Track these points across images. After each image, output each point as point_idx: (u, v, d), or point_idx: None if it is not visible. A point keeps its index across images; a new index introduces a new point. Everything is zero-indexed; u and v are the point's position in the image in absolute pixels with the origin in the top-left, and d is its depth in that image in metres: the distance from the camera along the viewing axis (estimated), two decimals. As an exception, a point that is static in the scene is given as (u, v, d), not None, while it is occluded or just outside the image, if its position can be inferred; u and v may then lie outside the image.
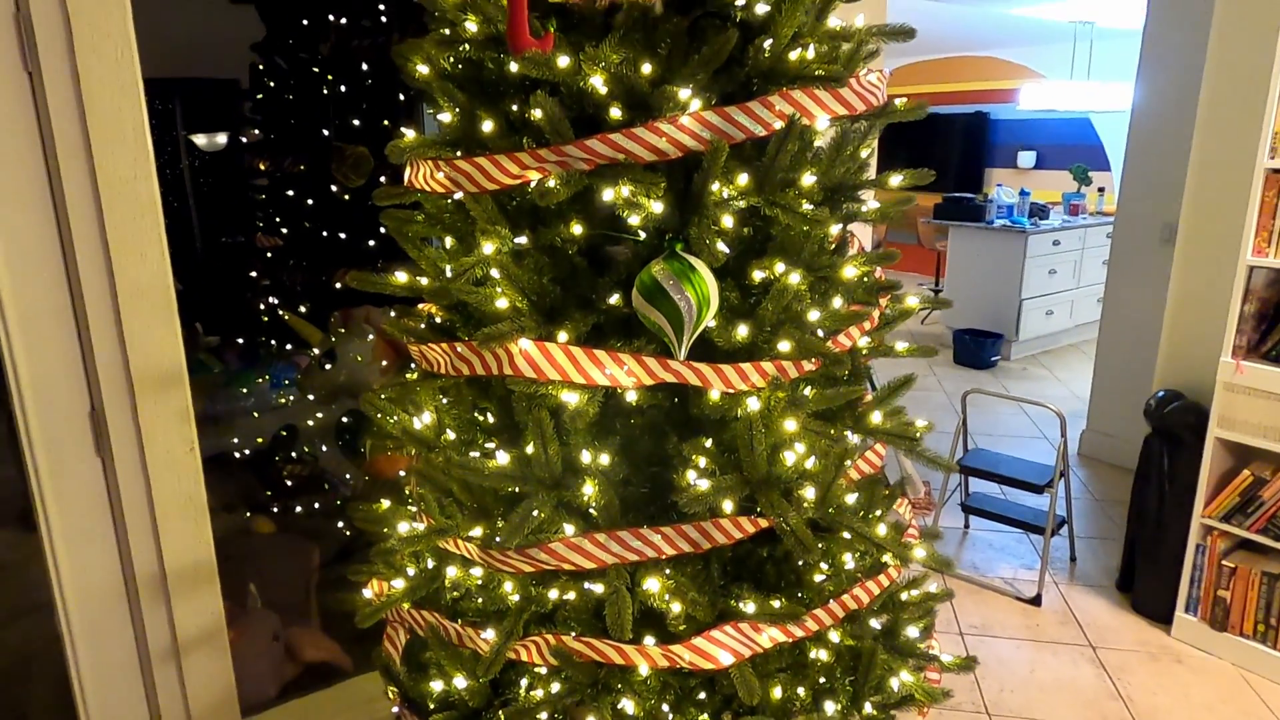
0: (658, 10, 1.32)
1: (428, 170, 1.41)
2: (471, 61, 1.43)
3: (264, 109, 2.69)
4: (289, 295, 2.88)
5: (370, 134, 2.47)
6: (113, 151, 1.62)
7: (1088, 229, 7.21)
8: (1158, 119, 4.22)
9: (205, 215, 5.71)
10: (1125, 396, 4.46)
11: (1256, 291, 2.59)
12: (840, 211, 1.49)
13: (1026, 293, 6.81)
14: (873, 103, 1.43)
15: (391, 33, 2.47)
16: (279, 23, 2.56)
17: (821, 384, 1.48)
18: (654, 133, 1.25)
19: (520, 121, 1.40)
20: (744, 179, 1.30)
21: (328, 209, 2.59)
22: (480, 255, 1.35)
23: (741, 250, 1.41)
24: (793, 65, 1.34)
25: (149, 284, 1.71)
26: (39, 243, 1.62)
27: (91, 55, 1.58)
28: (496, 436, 1.52)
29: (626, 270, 1.37)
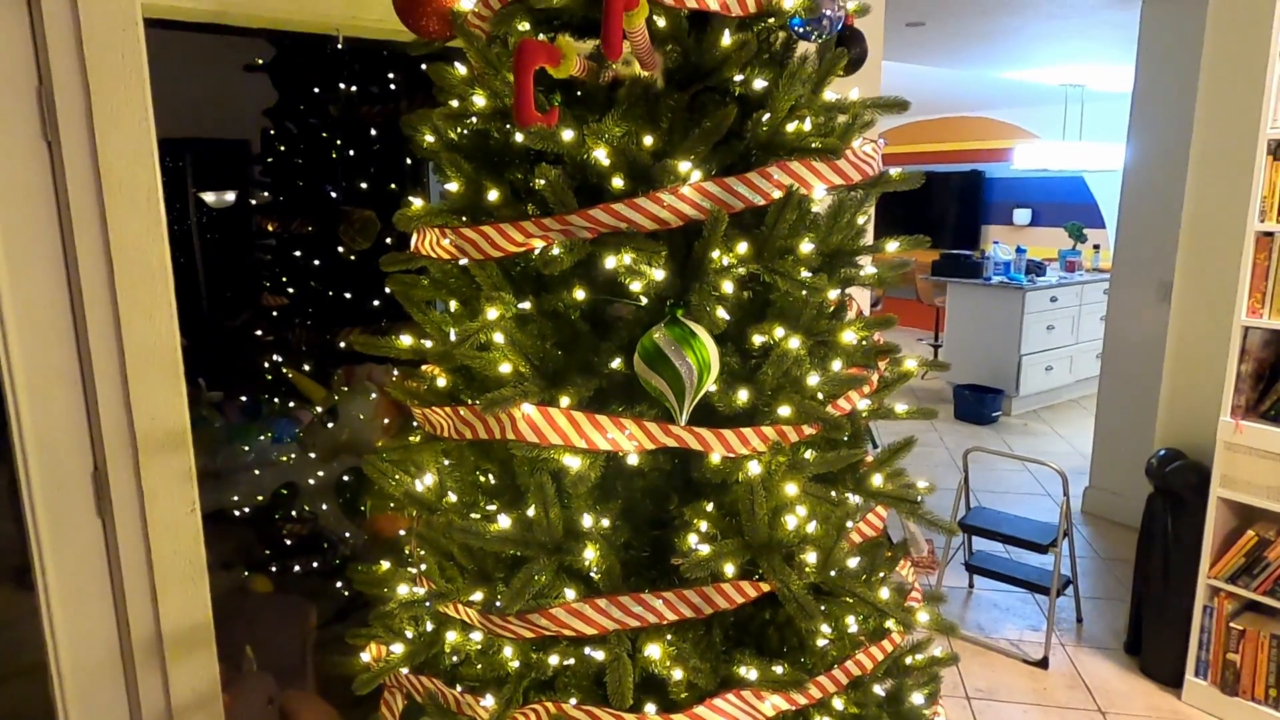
0: (659, 85, 1.37)
1: (434, 237, 1.44)
2: (478, 132, 1.47)
3: (274, 172, 2.75)
4: (293, 352, 2.90)
5: (377, 197, 2.52)
6: (126, 218, 1.66)
7: (1084, 285, 7.28)
8: (1149, 179, 4.30)
9: (211, 271, 5.78)
10: (1127, 453, 4.45)
11: (1252, 351, 2.61)
12: (838, 276, 1.51)
13: (1026, 349, 6.84)
14: (868, 173, 1.46)
15: (399, 99, 2.54)
16: (291, 90, 2.63)
17: (822, 447, 1.49)
18: (656, 202, 1.29)
19: (525, 189, 1.44)
20: (743, 247, 1.33)
21: (333, 269, 2.63)
22: (484, 320, 1.37)
23: (741, 315, 1.43)
24: (790, 137, 1.38)
25: (157, 346, 1.73)
26: (50, 306, 1.65)
27: (109, 126, 1.63)
28: (498, 499, 1.52)
29: (628, 334, 1.39)
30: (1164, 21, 4.15)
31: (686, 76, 1.38)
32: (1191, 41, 3.37)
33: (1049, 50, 5.55)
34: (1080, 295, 7.29)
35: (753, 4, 1.33)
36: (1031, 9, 4.30)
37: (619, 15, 1.17)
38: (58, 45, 1.56)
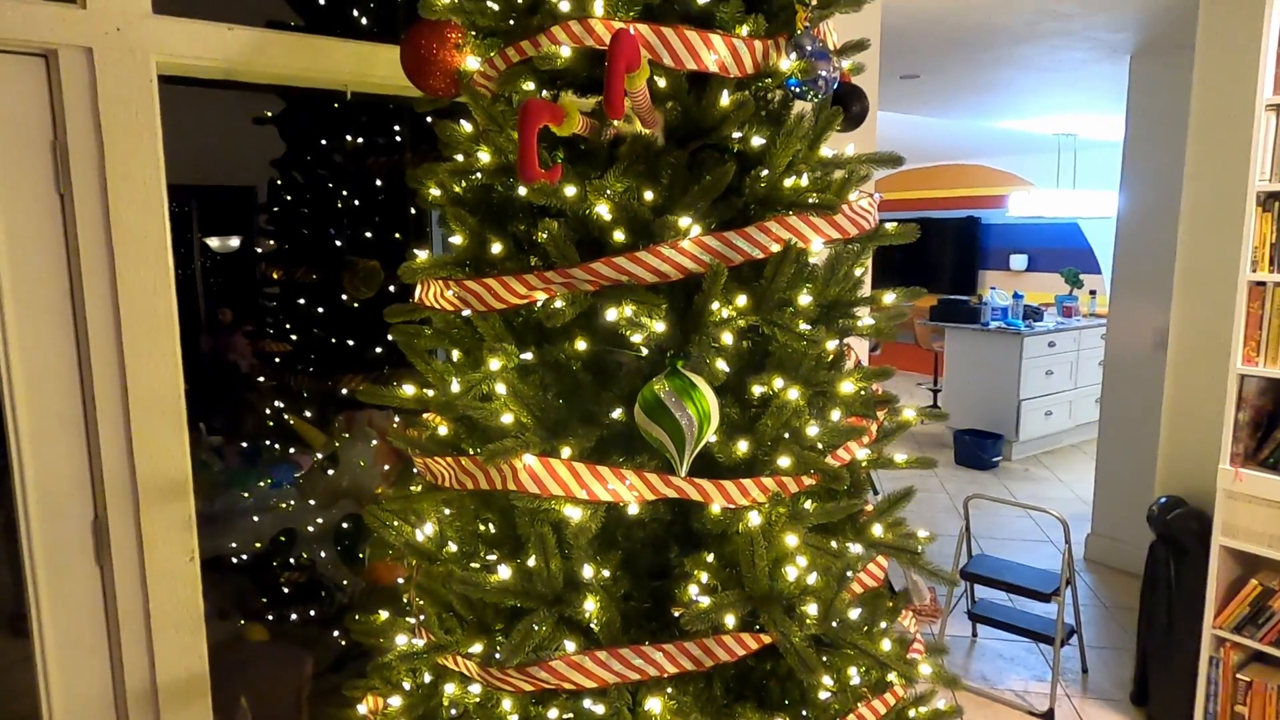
0: (660, 143, 1.40)
1: (438, 289, 1.46)
2: (482, 186, 1.50)
3: (280, 220, 2.80)
4: (294, 398, 2.91)
5: (381, 246, 2.56)
6: (135, 268, 1.69)
7: (1082, 331, 7.32)
8: (1142, 227, 4.36)
9: (214, 314, 5.81)
10: (1129, 499, 4.44)
11: (1249, 399, 2.62)
12: (836, 327, 1.53)
13: (1025, 393, 6.85)
14: (864, 227, 1.49)
15: (404, 150, 2.59)
16: (299, 141, 2.69)
17: (822, 497, 1.49)
18: (656, 256, 1.31)
19: (528, 241, 1.47)
20: (742, 300, 1.35)
21: (337, 316, 2.65)
22: (487, 371, 1.39)
23: (741, 365, 1.44)
24: (788, 192, 1.41)
25: (161, 393, 1.74)
26: (57, 354, 1.67)
27: (121, 178, 1.66)
28: (498, 548, 1.52)
29: (629, 385, 1.40)
30: (1152, 75, 4.24)
31: (686, 134, 1.42)
32: (1179, 94, 3.45)
33: (1041, 101, 5.66)
34: (1078, 340, 7.32)
35: (750, 65, 1.37)
36: (1022, 62, 4.41)
37: (621, 76, 1.21)
38: (74, 102, 1.60)
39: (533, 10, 1.43)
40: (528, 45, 1.37)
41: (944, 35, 3.78)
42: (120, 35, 1.63)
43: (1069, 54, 4.21)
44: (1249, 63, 2.64)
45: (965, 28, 3.63)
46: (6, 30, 1.55)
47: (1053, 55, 4.24)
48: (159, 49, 1.67)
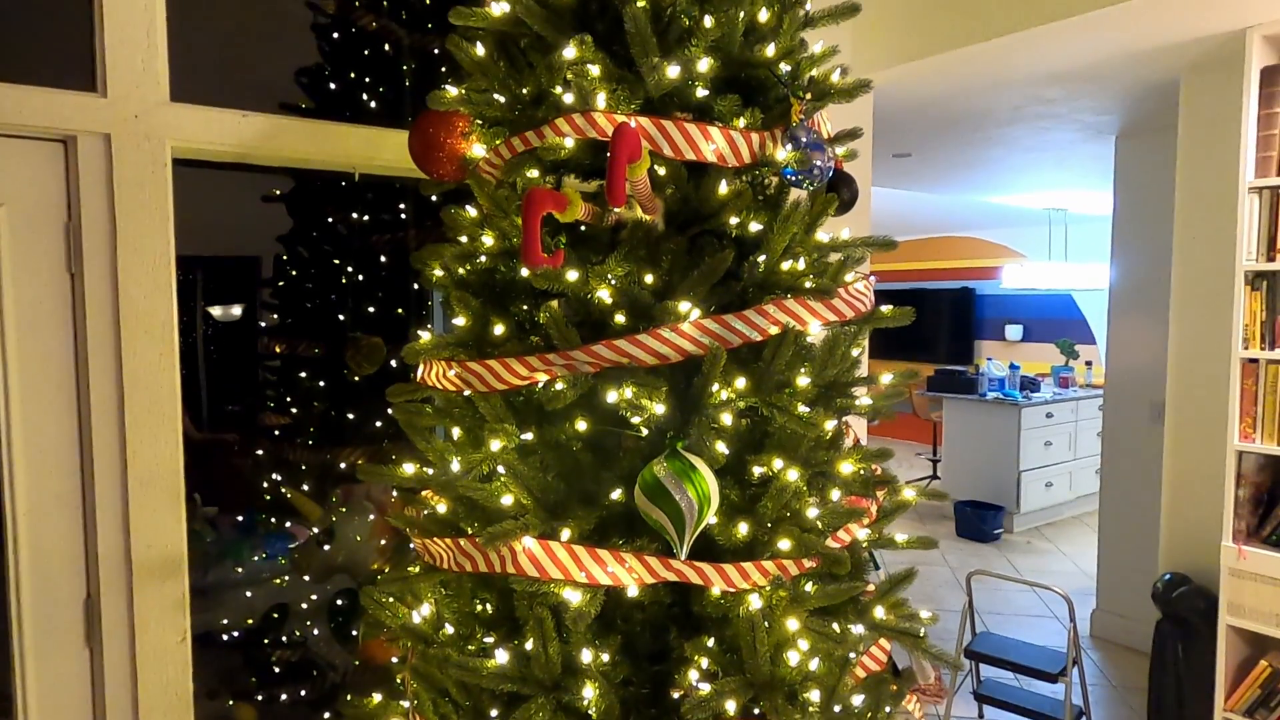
0: (660, 228, 1.44)
1: (440, 369, 1.48)
2: (486, 269, 1.53)
3: (284, 294, 2.83)
4: (292, 470, 2.90)
5: (384, 321, 2.59)
6: (141, 345, 1.71)
7: (1079, 402, 7.33)
8: (1134, 300, 4.41)
9: (213, 383, 5.81)
10: (1133, 575, 4.38)
11: (1248, 476, 2.62)
12: (834, 407, 1.55)
13: (1024, 464, 6.83)
14: (861, 309, 1.52)
15: (408, 228, 2.65)
16: (305, 218, 2.75)
17: (823, 579, 1.48)
18: (657, 339, 1.33)
19: (530, 322, 1.49)
20: (741, 382, 1.37)
21: (337, 390, 2.67)
22: (487, 452, 1.39)
23: (740, 445, 1.45)
24: (785, 276, 1.44)
25: (160, 471, 1.74)
26: (58, 432, 1.67)
27: (132, 258, 1.69)
28: (495, 630, 1.50)
29: (629, 465, 1.41)
30: (1137, 155, 4.36)
31: (686, 219, 1.46)
32: (1164, 173, 3.54)
33: (1030, 179, 5.80)
34: (1076, 411, 7.33)
35: (747, 155, 1.42)
36: (1011, 143, 4.53)
37: (623, 167, 1.25)
38: (90, 186, 1.65)
39: (537, 102, 1.49)
40: (533, 136, 1.41)
41: (934, 117, 3.90)
42: (138, 122, 1.69)
43: (1056, 135, 4.34)
44: (1230, 146, 2.73)
45: (954, 111, 3.75)
46: (29, 117, 1.60)
47: (1040, 136, 4.37)
48: (175, 135, 1.73)
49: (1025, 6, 2.52)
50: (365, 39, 2.65)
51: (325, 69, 2.70)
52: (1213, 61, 2.94)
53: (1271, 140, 2.53)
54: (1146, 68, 3.04)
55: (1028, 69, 3.06)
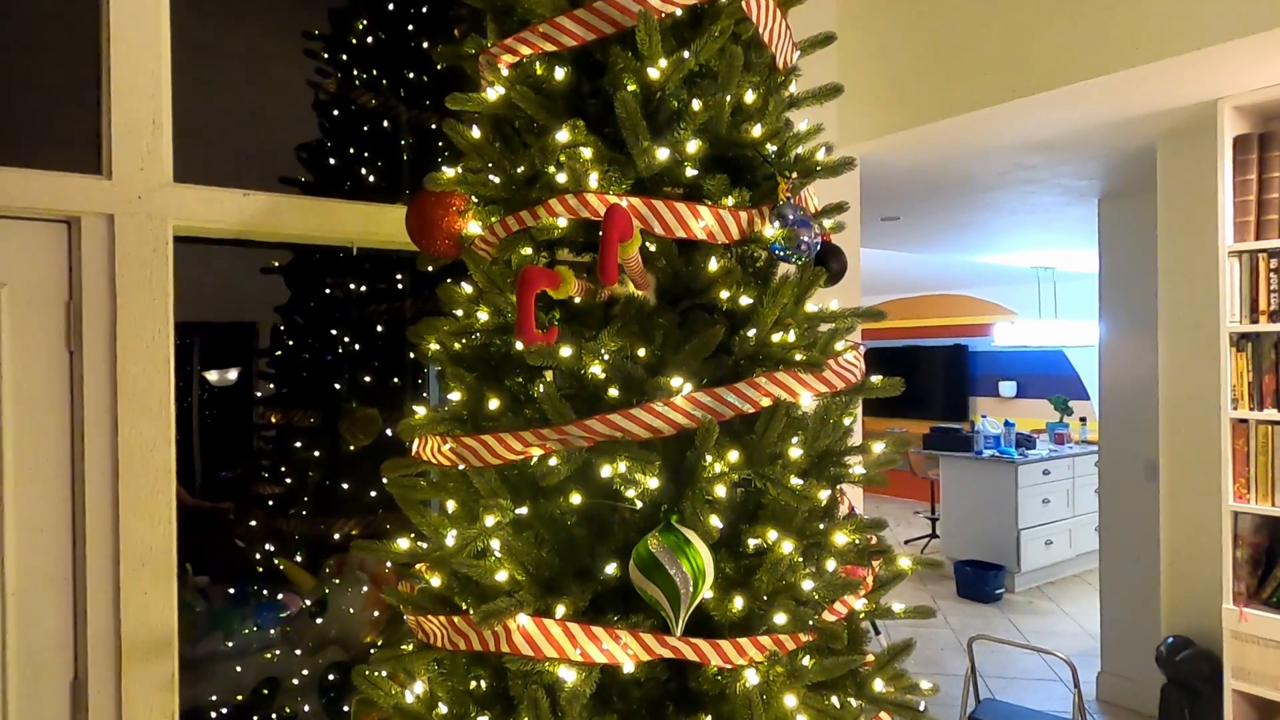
0: (651, 303, 1.47)
1: (435, 444, 1.49)
2: (481, 344, 1.56)
3: (280, 363, 2.86)
4: (285, 541, 2.88)
5: (380, 391, 2.60)
6: (138, 422, 1.72)
7: (1075, 458, 7.33)
8: (1125, 358, 4.45)
9: (207, 450, 5.78)
10: (1137, 636, 4.32)
11: (1245, 537, 2.62)
12: (827, 476, 1.55)
13: (1023, 523, 6.78)
14: (851, 380, 1.54)
15: (405, 298, 2.69)
16: (303, 289, 2.79)
17: (821, 653, 1.47)
18: (650, 412, 1.35)
19: (524, 394, 1.51)
20: (734, 455, 1.38)
21: (332, 460, 2.67)
22: (482, 528, 1.39)
23: (734, 517, 1.45)
24: (776, 348, 1.46)
25: (153, 549, 1.73)
26: (52, 510, 1.67)
27: (131, 335, 1.71)
28: (489, 709, 1.48)
29: (624, 538, 1.41)
30: (1120, 216, 4.45)
31: (677, 294, 1.49)
32: (1147, 233, 3.61)
33: (1017, 239, 5.90)
34: (1072, 468, 7.31)
35: (736, 232, 1.45)
36: (997, 206, 4.63)
37: (614, 247, 1.28)
38: (92, 265, 1.68)
39: (531, 181, 1.53)
40: (527, 215, 1.45)
41: (920, 182, 3.99)
42: (141, 203, 1.72)
43: (1040, 198, 4.44)
44: (1208, 210, 2.79)
45: (939, 177, 3.84)
46: (34, 200, 1.64)
47: (1025, 199, 4.46)
48: (177, 215, 1.77)
49: (1001, 82, 2.61)
50: (364, 116, 2.73)
51: (325, 144, 2.77)
52: (1187, 129, 3.03)
53: (1248, 205, 2.60)
54: (1123, 136, 3.14)
55: (1008, 138, 3.15)
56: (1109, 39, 2.37)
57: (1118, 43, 2.35)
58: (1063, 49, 2.47)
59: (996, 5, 2.63)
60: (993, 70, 2.64)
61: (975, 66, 2.69)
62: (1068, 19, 2.46)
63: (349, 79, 2.78)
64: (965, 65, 2.72)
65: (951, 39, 2.76)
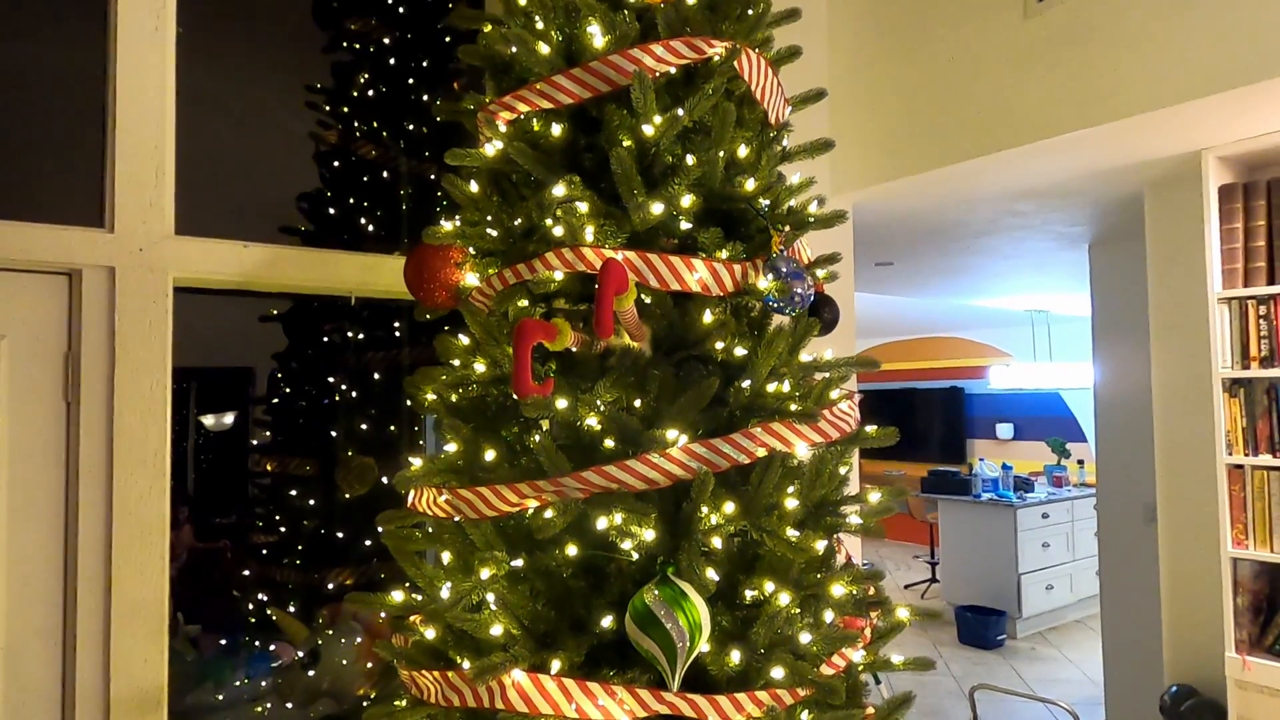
0: (647, 354, 1.48)
1: (431, 496, 1.49)
2: (477, 396, 1.56)
3: (276, 411, 2.86)
4: (278, 590, 2.85)
5: (377, 439, 2.60)
6: (132, 473, 1.71)
7: (1074, 501, 7.30)
8: (1119, 401, 4.46)
9: (201, 496, 5.74)
10: (1141, 683, 4.26)
11: (1245, 584, 2.60)
12: (824, 526, 1.55)
13: (1023, 567, 6.73)
14: (846, 430, 1.55)
15: (403, 345, 2.70)
16: (300, 337, 2.80)
17: (819, 708, 1.45)
18: (646, 464, 1.35)
19: (520, 444, 1.51)
20: (730, 507, 1.38)
21: (327, 508, 2.65)
22: (477, 581, 1.39)
23: (731, 568, 1.45)
24: (771, 399, 1.47)
25: (144, 602, 1.72)
26: (44, 565, 1.66)
27: (129, 386, 1.72)
28: (484, 766, 1.45)
29: (620, 590, 1.40)
30: (1111, 261, 4.49)
31: (672, 345, 1.50)
32: (1138, 278, 3.64)
33: (1010, 283, 5.96)
34: (1071, 511, 7.28)
35: (730, 285, 1.47)
36: (989, 251, 4.68)
37: (610, 301, 1.30)
38: (92, 317, 1.69)
39: (528, 234, 1.55)
40: (524, 268, 1.47)
41: (913, 229, 4.04)
42: (142, 255, 1.74)
43: (1031, 244, 4.49)
44: (1196, 256, 2.83)
45: (931, 223, 3.89)
46: (36, 252, 1.66)
47: (1016, 245, 4.51)
48: (178, 267, 1.78)
49: (988, 134, 2.66)
50: (364, 166, 2.77)
51: (325, 194, 2.81)
52: (1173, 179, 3.08)
53: (1235, 253, 2.63)
54: (1111, 185, 3.19)
55: (998, 187, 3.20)
56: (1092, 93, 2.43)
57: (1100, 96, 2.41)
58: (1047, 102, 2.52)
59: (982, 59, 2.70)
60: (980, 122, 2.69)
61: (963, 118, 2.74)
62: (1051, 73, 2.52)
63: (350, 130, 2.83)
64: (953, 117, 2.77)
65: (939, 92, 2.83)
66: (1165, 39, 2.28)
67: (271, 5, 2.85)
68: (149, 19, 1.81)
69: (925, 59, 2.88)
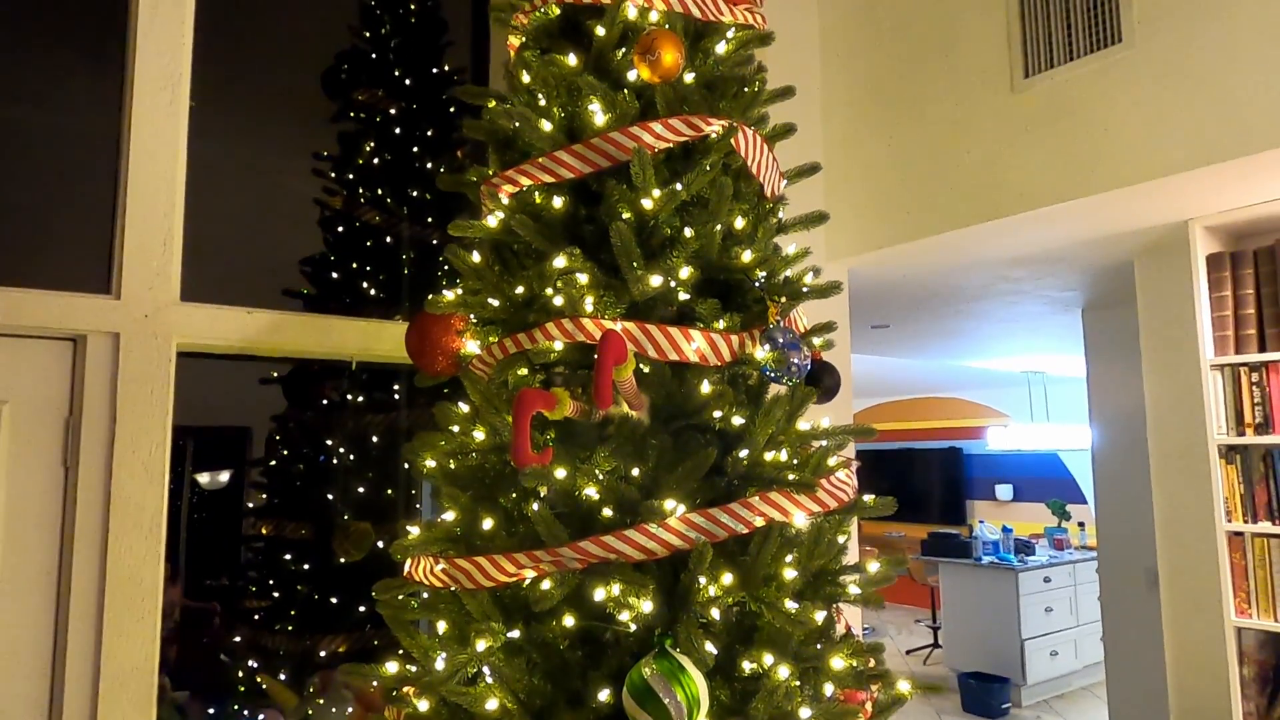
0: (645, 423, 1.49)
1: (428, 565, 1.48)
2: (476, 464, 1.57)
3: (273, 474, 2.85)
4: (269, 656, 2.80)
5: (374, 503, 2.59)
6: (127, 538, 1.70)
7: (1076, 565, 7.22)
8: (1117, 464, 4.45)
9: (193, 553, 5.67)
10: (1150, 756, 4.16)
11: (1250, 654, 2.57)
12: (823, 596, 1.54)
13: (1027, 632, 6.62)
14: (844, 499, 1.55)
15: (402, 409, 2.71)
16: (300, 399, 2.81)
17: (820, 785, 1.42)
18: (644, 534, 1.35)
19: (518, 512, 1.51)
20: (729, 578, 1.37)
21: (321, 573, 2.63)
22: (472, 652, 1.37)
23: (729, 640, 1.43)
24: (769, 468, 1.48)
25: (134, 669, 1.69)
26: (32, 629, 1.64)
27: (128, 451, 1.72)
28: (477, 847, 1.41)
29: (617, 662, 1.38)
30: (1104, 325, 4.54)
31: (671, 414, 1.51)
32: (1132, 342, 3.67)
33: (1004, 345, 6.00)
34: (1073, 575, 7.20)
35: (728, 355, 1.49)
36: (984, 315, 4.74)
37: (609, 372, 1.31)
38: (95, 382, 1.70)
39: (529, 304, 1.58)
40: (524, 338, 1.49)
41: (908, 293, 4.09)
42: (147, 321, 1.77)
43: (1025, 308, 4.54)
44: (1187, 323, 2.86)
45: (926, 288, 3.95)
46: (43, 319, 1.68)
47: (1010, 309, 4.56)
48: (182, 332, 1.80)
49: (980, 202, 2.72)
50: (368, 231, 2.82)
51: (329, 258, 2.85)
52: (1161, 247, 3.14)
53: (1225, 320, 2.67)
54: (1101, 252, 3.24)
55: (990, 254, 3.25)
56: (1078, 165, 2.49)
57: (1086, 169, 2.47)
58: (1035, 173, 2.59)
59: (971, 131, 2.78)
60: (970, 192, 2.76)
61: (954, 188, 2.81)
62: (1038, 146, 2.59)
63: (354, 196, 2.89)
64: (944, 187, 2.84)
65: (931, 162, 2.90)
66: (1149, 114, 2.36)
67: (281, 77, 2.93)
68: (164, 92, 1.87)
69: (916, 130, 2.96)
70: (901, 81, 3.02)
